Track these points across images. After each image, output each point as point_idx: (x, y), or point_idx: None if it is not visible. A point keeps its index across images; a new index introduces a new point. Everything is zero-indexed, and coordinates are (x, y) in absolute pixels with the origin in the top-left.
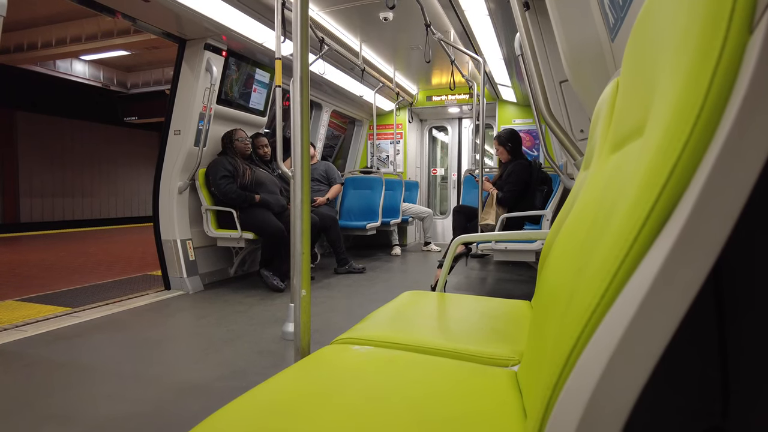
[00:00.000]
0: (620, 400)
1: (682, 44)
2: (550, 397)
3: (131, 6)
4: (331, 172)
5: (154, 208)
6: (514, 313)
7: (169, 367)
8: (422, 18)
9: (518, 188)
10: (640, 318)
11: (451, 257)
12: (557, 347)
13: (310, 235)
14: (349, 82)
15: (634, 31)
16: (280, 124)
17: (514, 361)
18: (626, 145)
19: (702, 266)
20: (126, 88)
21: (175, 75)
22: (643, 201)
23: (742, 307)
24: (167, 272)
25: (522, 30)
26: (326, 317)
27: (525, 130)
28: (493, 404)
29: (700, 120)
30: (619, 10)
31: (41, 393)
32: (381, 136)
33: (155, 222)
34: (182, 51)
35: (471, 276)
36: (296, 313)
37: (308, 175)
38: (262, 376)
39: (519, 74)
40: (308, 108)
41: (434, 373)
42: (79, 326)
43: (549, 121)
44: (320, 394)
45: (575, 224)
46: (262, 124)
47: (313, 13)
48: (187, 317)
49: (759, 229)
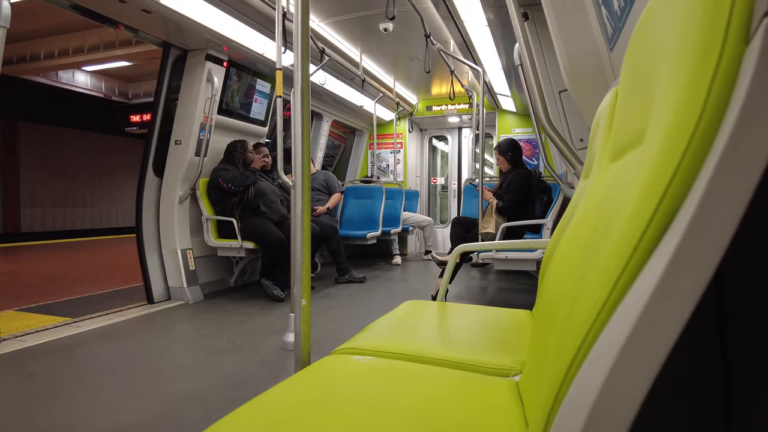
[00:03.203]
0: (622, 410)
1: (680, 53)
2: (552, 408)
3: (133, 17)
4: (331, 182)
5: (137, 218)
6: (515, 322)
7: (168, 378)
8: (422, 29)
9: (518, 197)
10: (641, 327)
11: (451, 267)
12: (558, 357)
13: (311, 245)
14: (349, 92)
15: (633, 40)
16: (281, 134)
17: (515, 370)
18: (626, 154)
19: (703, 274)
20: (127, 99)
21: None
22: (643, 210)
23: (743, 314)
24: (150, 284)
25: (521, 40)
26: (326, 327)
27: (525, 139)
28: (494, 414)
29: (699, 129)
30: (617, 20)
31: (41, 403)
32: (381, 145)
33: (138, 232)
34: (166, 58)
35: (472, 285)
36: (296, 322)
37: (308, 184)
38: (262, 386)
39: (518, 84)
40: (309, 118)
41: (435, 384)
42: (79, 336)
43: (549, 131)
44: (321, 404)
45: (576, 233)
46: (263, 134)
47: (314, 23)
48: (186, 327)
49: (760, 236)
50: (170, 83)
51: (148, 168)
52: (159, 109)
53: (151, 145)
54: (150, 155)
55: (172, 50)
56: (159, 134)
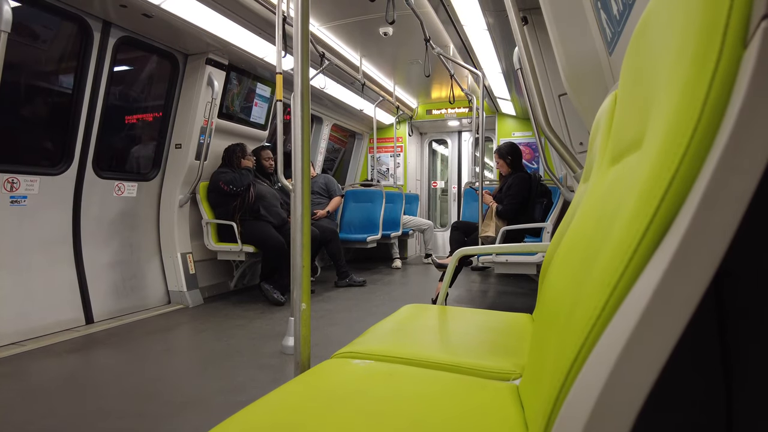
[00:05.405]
0: (622, 414)
1: (678, 58)
2: (551, 412)
3: (134, 22)
4: (330, 185)
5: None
6: (515, 326)
7: (168, 382)
8: (422, 33)
9: (518, 201)
10: (640, 331)
11: (451, 270)
12: (558, 361)
13: (311, 248)
14: (349, 96)
15: (632, 44)
16: (281, 138)
17: (515, 374)
18: (625, 158)
19: (702, 277)
20: None
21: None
22: (642, 213)
23: (743, 316)
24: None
25: (521, 44)
26: (326, 331)
27: (524, 143)
28: (494, 418)
29: (697, 133)
30: (616, 25)
31: (39, 408)
32: (381, 149)
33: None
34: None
35: (472, 289)
36: (296, 326)
37: (308, 188)
38: (262, 390)
39: (518, 88)
40: (309, 122)
41: (435, 387)
42: (78, 341)
43: (548, 134)
44: (320, 408)
45: (575, 237)
46: (263, 138)
47: (314, 28)
48: (186, 331)
49: (759, 237)
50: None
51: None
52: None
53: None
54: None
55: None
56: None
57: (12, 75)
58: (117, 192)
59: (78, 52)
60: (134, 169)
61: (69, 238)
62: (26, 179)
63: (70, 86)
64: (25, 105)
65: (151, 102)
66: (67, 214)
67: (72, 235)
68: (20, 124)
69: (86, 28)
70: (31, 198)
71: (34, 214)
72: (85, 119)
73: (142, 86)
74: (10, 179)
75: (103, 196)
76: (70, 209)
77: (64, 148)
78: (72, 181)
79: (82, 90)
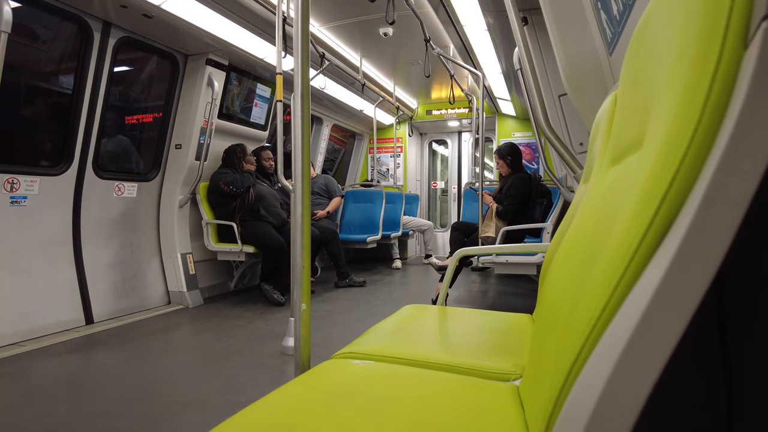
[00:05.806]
0: (623, 415)
1: (679, 58)
2: (552, 413)
3: (134, 22)
4: (330, 185)
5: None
6: (515, 326)
7: (168, 382)
8: (422, 33)
9: (518, 201)
10: (641, 332)
11: (452, 271)
12: (558, 362)
13: (311, 249)
14: (349, 96)
15: (632, 45)
16: (281, 139)
17: (515, 375)
18: (625, 158)
19: (703, 277)
20: None
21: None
22: (642, 214)
23: (744, 317)
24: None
25: (521, 45)
26: (326, 331)
27: (524, 143)
28: (494, 419)
29: (698, 133)
30: (616, 25)
31: (39, 409)
32: (381, 149)
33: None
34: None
35: (472, 289)
36: (296, 327)
37: (308, 188)
38: (262, 391)
39: (518, 88)
40: (309, 122)
41: (435, 388)
42: (78, 341)
43: (548, 135)
44: (320, 409)
45: (576, 237)
46: (263, 139)
47: (314, 28)
48: (186, 331)
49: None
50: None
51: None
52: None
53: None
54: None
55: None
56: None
57: (12, 75)
58: (117, 192)
59: (78, 53)
60: (134, 169)
61: (69, 238)
62: (26, 179)
63: (70, 87)
64: (25, 105)
65: (151, 102)
66: (67, 214)
67: (72, 235)
68: (20, 125)
69: (86, 29)
70: (31, 198)
71: (34, 215)
72: (85, 120)
73: (142, 87)
74: (10, 179)
75: (103, 196)
76: (70, 209)
77: (64, 149)
78: (72, 181)
79: (82, 90)
